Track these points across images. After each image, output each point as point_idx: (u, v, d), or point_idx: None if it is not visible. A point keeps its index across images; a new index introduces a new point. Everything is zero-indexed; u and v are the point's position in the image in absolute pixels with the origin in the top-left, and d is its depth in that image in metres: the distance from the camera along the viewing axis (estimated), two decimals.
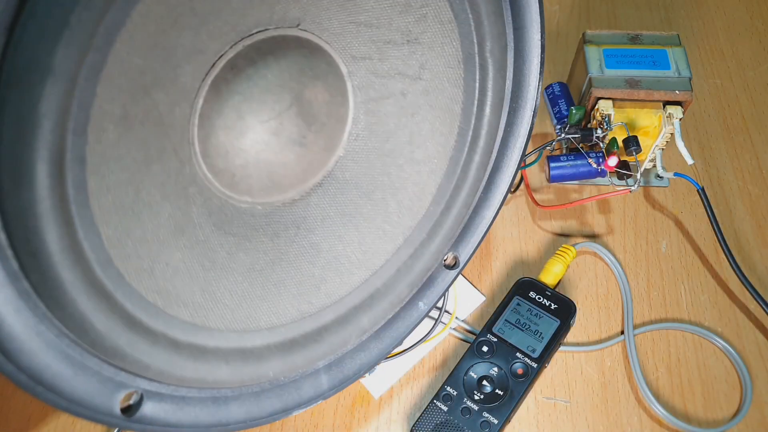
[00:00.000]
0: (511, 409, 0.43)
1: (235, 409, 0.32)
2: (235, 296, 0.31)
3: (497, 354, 0.46)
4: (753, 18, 0.68)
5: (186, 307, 0.29)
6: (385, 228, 0.36)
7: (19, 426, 0.45)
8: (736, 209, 0.54)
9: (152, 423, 0.28)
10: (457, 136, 0.36)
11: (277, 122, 0.32)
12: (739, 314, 0.49)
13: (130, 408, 0.27)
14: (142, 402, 0.27)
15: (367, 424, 0.45)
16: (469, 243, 0.39)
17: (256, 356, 0.32)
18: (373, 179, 0.35)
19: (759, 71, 0.64)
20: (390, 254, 0.36)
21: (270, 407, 0.33)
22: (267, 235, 0.33)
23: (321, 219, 0.34)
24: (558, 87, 0.58)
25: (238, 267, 0.31)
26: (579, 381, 0.47)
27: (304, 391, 0.35)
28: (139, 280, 0.27)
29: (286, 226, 0.33)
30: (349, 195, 0.35)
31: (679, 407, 0.45)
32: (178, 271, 0.29)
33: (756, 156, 0.58)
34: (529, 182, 0.56)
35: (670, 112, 0.50)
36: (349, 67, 0.32)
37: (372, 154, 0.35)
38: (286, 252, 0.33)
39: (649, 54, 0.53)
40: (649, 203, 0.55)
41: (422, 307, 0.39)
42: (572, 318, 0.47)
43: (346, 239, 0.35)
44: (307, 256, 0.34)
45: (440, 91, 0.34)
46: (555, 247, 0.52)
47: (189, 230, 0.29)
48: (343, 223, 0.35)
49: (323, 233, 0.35)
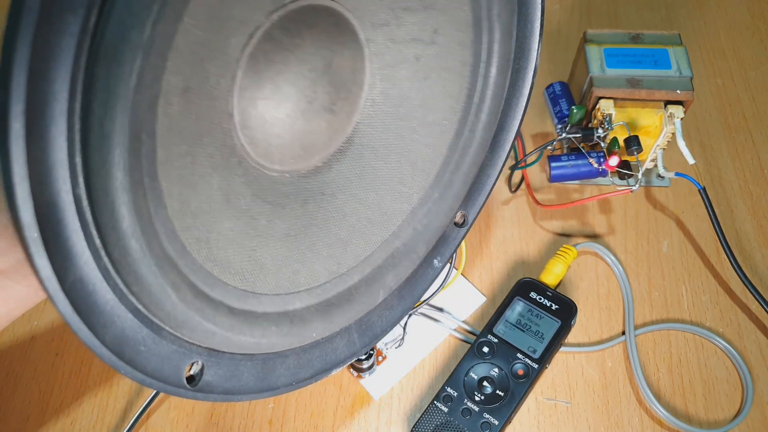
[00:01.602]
0: (511, 410, 0.43)
1: (283, 372, 0.33)
2: (276, 261, 0.32)
3: (498, 355, 0.46)
4: (754, 17, 0.68)
5: (237, 274, 0.30)
6: (401, 189, 0.37)
7: (19, 426, 0.45)
8: (738, 209, 0.54)
9: (212, 391, 0.28)
10: (465, 98, 0.37)
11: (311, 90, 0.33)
12: (740, 314, 0.49)
13: (192, 378, 0.27)
14: (203, 371, 0.28)
15: (367, 425, 0.45)
16: (477, 202, 0.41)
17: (300, 318, 0.33)
18: (388, 143, 0.36)
19: (760, 71, 0.63)
20: (406, 214, 0.38)
21: (312, 369, 0.35)
22: (297, 201, 0.34)
23: (343, 184, 0.36)
24: (559, 86, 0.57)
25: (276, 233, 0.32)
26: (580, 382, 0.47)
27: (340, 350, 0.36)
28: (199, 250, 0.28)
29: (312, 193, 0.35)
30: (366, 159, 0.36)
31: (680, 408, 0.45)
32: (229, 240, 0.30)
33: (757, 156, 0.57)
34: (530, 182, 0.56)
35: (672, 111, 0.50)
36: (367, 33, 0.33)
37: (387, 118, 0.36)
38: (315, 217, 0.35)
39: (650, 53, 0.53)
40: (651, 203, 0.55)
41: (437, 264, 0.41)
42: (573, 318, 0.47)
43: (367, 202, 0.37)
44: (333, 220, 0.35)
45: (451, 54, 0.35)
46: (556, 247, 0.52)
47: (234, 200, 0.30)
48: (363, 186, 0.36)
49: (345, 197, 0.36)
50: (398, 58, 0.35)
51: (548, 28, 0.68)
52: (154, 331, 0.25)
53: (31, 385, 0.47)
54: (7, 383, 0.47)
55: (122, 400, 0.46)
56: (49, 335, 0.49)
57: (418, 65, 0.35)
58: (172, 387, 0.26)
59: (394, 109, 0.36)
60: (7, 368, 0.48)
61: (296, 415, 0.45)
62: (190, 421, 0.45)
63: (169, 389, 0.26)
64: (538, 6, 0.36)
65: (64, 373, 0.47)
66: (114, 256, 0.23)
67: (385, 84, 0.35)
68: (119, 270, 0.23)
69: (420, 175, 0.38)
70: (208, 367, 0.28)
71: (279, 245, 0.33)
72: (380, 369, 0.47)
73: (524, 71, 0.38)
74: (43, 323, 0.50)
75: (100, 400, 0.46)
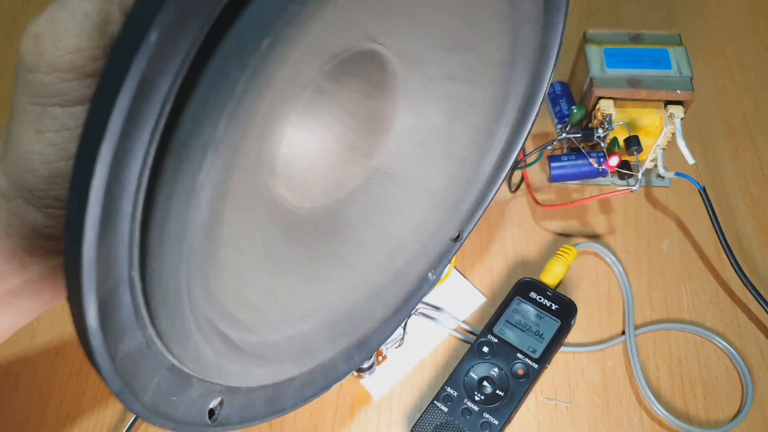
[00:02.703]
0: (511, 410, 0.43)
1: (290, 394, 0.34)
2: (290, 290, 0.33)
3: (498, 355, 0.46)
4: (755, 17, 0.68)
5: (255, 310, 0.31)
6: (418, 218, 0.39)
7: (19, 426, 0.45)
8: (738, 209, 0.54)
9: (229, 423, 0.29)
10: (486, 132, 0.38)
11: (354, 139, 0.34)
12: (740, 315, 0.49)
13: (213, 412, 0.28)
14: (222, 405, 0.28)
15: (367, 425, 0.45)
16: (473, 219, 0.43)
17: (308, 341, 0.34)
18: (410, 173, 0.37)
19: (760, 71, 0.63)
20: (422, 244, 0.39)
21: (315, 387, 0.36)
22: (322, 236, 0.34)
23: (365, 214, 0.37)
24: (559, 86, 0.57)
25: (294, 267, 0.33)
26: (580, 382, 0.47)
27: (340, 367, 0.38)
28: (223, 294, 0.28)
29: (337, 225, 0.35)
30: (388, 189, 0.37)
31: (680, 408, 0.45)
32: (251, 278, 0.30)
33: (758, 156, 0.57)
34: (530, 182, 0.56)
35: (672, 111, 0.50)
36: (406, 72, 0.33)
37: (412, 149, 0.37)
38: (334, 248, 0.35)
39: (650, 53, 0.53)
40: (651, 203, 0.55)
41: (431, 277, 0.42)
42: (573, 318, 0.47)
43: (385, 231, 0.38)
44: (350, 249, 0.36)
45: (482, 91, 0.36)
46: (556, 247, 0.52)
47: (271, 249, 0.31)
48: (382, 215, 0.37)
49: (366, 228, 0.37)
50: (431, 95, 0.35)
51: None
52: (185, 380, 0.26)
53: (31, 386, 0.47)
54: (7, 383, 0.47)
55: None
56: (49, 335, 0.49)
57: (450, 102, 0.36)
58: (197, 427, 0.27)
59: (420, 141, 0.37)
60: (7, 368, 0.48)
61: (296, 415, 0.45)
62: None
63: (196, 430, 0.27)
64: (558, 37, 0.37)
65: (64, 373, 0.47)
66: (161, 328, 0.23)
67: (415, 118, 0.36)
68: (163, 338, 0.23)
69: (438, 205, 0.39)
70: (227, 401, 0.29)
71: (296, 277, 0.33)
72: (380, 369, 0.47)
73: (534, 98, 0.39)
74: (43, 323, 0.50)
75: (100, 400, 0.46)
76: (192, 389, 0.26)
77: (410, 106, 0.35)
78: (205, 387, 0.27)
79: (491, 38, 0.33)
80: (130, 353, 0.22)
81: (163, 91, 0.18)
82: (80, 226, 0.17)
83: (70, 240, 0.18)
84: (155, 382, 0.24)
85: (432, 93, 0.35)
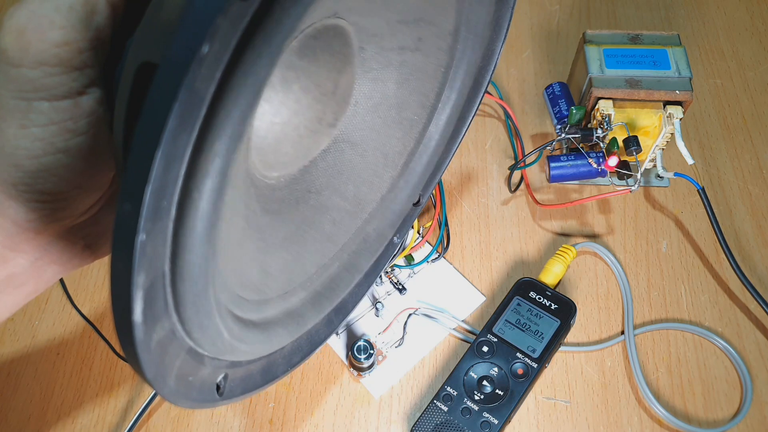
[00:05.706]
0: (511, 410, 0.43)
1: (281, 362, 0.36)
2: (279, 266, 0.35)
3: (497, 354, 0.46)
4: (753, 18, 0.68)
5: (255, 289, 0.32)
6: (374, 180, 0.41)
7: (20, 425, 0.45)
8: (737, 209, 0.54)
9: (233, 395, 0.30)
10: (435, 96, 0.40)
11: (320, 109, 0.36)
12: (739, 314, 0.49)
13: (219, 387, 0.29)
14: (227, 380, 0.30)
15: (367, 424, 0.45)
16: (431, 184, 0.45)
17: (299, 314, 0.36)
18: (366, 138, 0.39)
19: (759, 71, 0.63)
20: (377, 202, 0.42)
21: (302, 352, 0.38)
22: (291, 204, 0.36)
23: (326, 180, 0.38)
24: (558, 87, 0.58)
25: (277, 240, 0.34)
26: (579, 381, 0.47)
27: (322, 331, 0.40)
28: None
29: (302, 192, 0.37)
30: (347, 154, 0.39)
31: (679, 407, 0.45)
32: (251, 260, 0.32)
33: (756, 156, 0.58)
34: (530, 182, 0.56)
35: (671, 112, 0.50)
36: (362, 43, 0.35)
37: (367, 116, 0.38)
38: (305, 216, 0.37)
39: (649, 54, 0.53)
40: (650, 203, 0.55)
41: (396, 240, 0.45)
42: (572, 318, 0.48)
43: (346, 194, 0.39)
44: (319, 216, 0.38)
45: (431, 58, 0.38)
46: (555, 247, 0.52)
47: (253, 222, 0.32)
48: (343, 180, 0.39)
49: (328, 192, 0.38)
50: (384, 63, 0.37)
51: (547, 29, 0.68)
52: (199, 361, 0.27)
53: (32, 385, 0.47)
54: (8, 383, 0.47)
55: (123, 399, 0.46)
56: (49, 335, 0.49)
57: (401, 69, 0.38)
58: (209, 403, 0.28)
59: (374, 107, 0.38)
60: (8, 368, 0.48)
61: (296, 414, 0.46)
62: (191, 420, 0.45)
63: (207, 405, 0.28)
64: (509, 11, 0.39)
65: (65, 373, 0.48)
66: (185, 315, 0.24)
67: (371, 85, 0.38)
68: (185, 324, 0.24)
69: (391, 166, 0.41)
70: (230, 375, 0.30)
71: (281, 251, 0.35)
72: (380, 368, 0.47)
73: (486, 69, 0.41)
74: (44, 323, 0.50)
75: (101, 399, 0.46)
76: (204, 368, 0.27)
77: (366, 75, 0.37)
78: (214, 364, 0.28)
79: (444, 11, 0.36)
80: (161, 341, 0.23)
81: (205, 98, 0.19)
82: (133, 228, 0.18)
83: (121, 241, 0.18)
84: (177, 366, 0.25)
85: (385, 62, 0.37)
